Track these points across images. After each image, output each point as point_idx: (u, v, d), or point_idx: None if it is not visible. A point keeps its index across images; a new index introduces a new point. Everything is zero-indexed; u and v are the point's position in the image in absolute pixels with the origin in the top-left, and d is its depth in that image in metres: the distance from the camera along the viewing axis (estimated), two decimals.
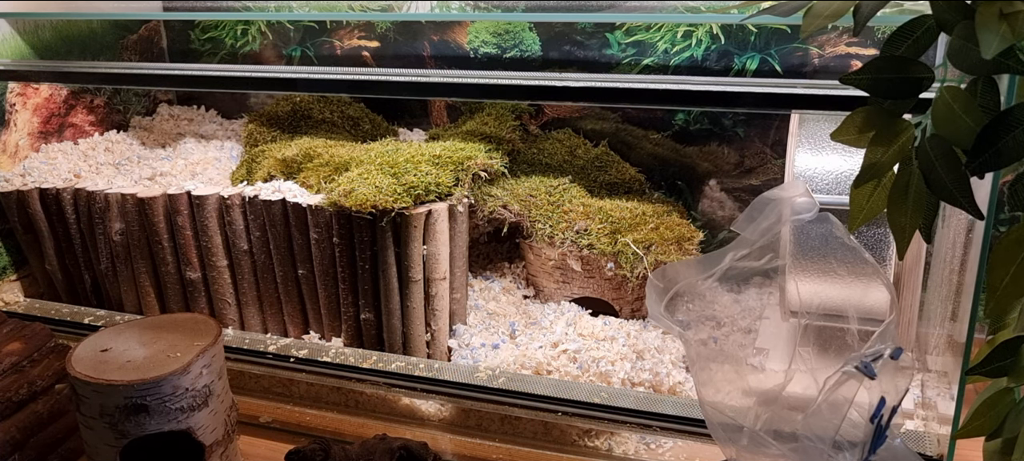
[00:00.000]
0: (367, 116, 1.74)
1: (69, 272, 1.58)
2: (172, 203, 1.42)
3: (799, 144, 1.22)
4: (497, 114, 1.61)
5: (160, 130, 1.84)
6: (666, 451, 1.28)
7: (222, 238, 1.42)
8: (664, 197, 1.58)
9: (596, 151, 1.63)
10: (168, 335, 1.15)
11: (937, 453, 1.08)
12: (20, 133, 1.67)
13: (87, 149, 1.70)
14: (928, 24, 0.70)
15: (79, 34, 1.79)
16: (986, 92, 0.68)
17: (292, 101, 1.72)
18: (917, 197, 0.73)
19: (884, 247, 1.16)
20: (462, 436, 1.35)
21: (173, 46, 1.95)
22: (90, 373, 1.05)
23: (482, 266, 1.60)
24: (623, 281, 1.41)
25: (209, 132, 1.83)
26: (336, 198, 1.30)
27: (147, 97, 1.91)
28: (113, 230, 1.46)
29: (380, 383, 1.34)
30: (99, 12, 1.81)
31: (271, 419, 1.41)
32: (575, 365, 1.31)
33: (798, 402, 0.88)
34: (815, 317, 1.07)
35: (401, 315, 1.35)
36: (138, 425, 1.05)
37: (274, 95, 1.81)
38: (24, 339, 1.30)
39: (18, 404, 1.22)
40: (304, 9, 1.72)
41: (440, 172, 1.35)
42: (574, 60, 1.64)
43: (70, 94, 1.71)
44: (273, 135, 1.64)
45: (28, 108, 1.68)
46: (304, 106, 1.70)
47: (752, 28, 1.51)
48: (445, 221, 1.33)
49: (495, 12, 1.64)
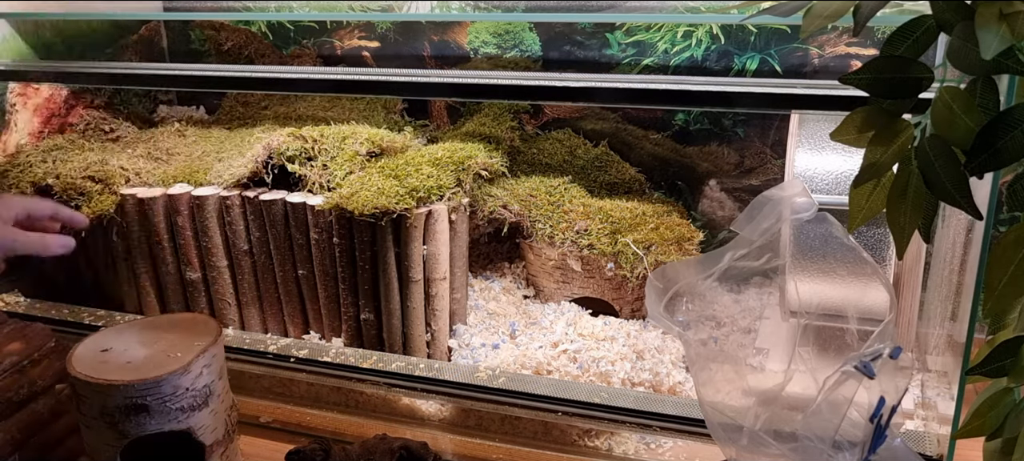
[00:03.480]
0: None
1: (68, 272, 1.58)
2: (172, 203, 1.42)
3: (799, 144, 1.22)
4: (495, 114, 1.62)
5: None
6: (666, 451, 1.28)
7: (222, 238, 1.42)
8: (664, 197, 1.58)
9: (596, 151, 1.63)
10: (168, 335, 1.15)
11: (937, 453, 1.08)
12: (20, 133, 1.67)
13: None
14: (928, 24, 0.70)
15: (79, 34, 1.79)
16: (985, 92, 0.68)
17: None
18: (916, 197, 0.73)
19: (884, 247, 1.16)
20: (462, 436, 1.35)
21: (173, 46, 1.95)
22: (90, 373, 1.06)
23: (482, 266, 1.60)
24: (623, 281, 1.42)
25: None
26: (338, 201, 1.30)
27: (147, 97, 1.91)
28: (111, 231, 1.46)
29: (380, 383, 1.34)
30: (99, 12, 1.81)
31: (271, 419, 1.42)
32: (575, 365, 1.31)
33: (798, 402, 0.88)
34: (814, 317, 1.07)
35: (401, 315, 1.35)
36: (138, 425, 1.05)
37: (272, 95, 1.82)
38: (24, 339, 1.30)
39: (18, 404, 1.22)
40: (304, 9, 1.73)
41: (441, 173, 1.35)
42: (574, 60, 1.64)
43: (70, 94, 1.71)
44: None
45: (28, 108, 1.68)
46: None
47: (752, 28, 1.51)
48: (445, 221, 1.33)
49: (495, 12, 1.65)
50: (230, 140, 1.59)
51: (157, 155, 1.55)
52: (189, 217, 1.42)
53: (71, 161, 1.49)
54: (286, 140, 1.40)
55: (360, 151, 1.40)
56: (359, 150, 1.40)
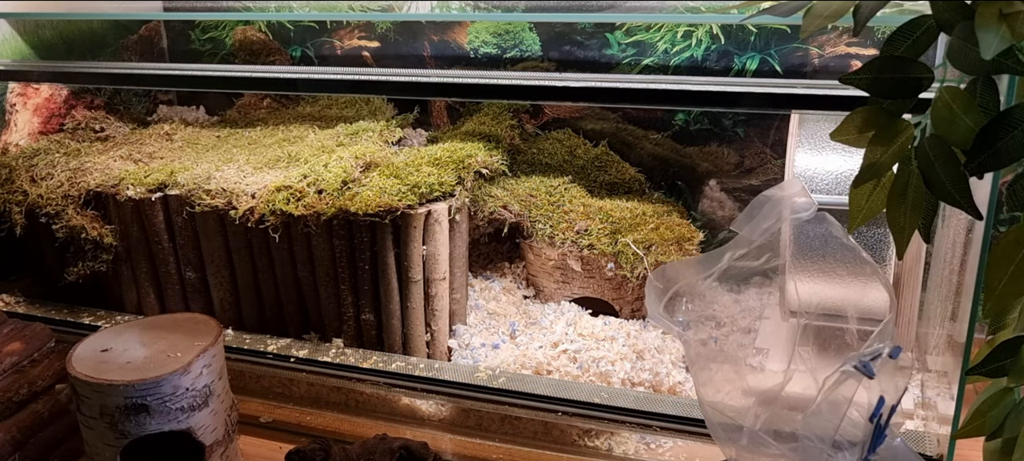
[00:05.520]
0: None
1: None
2: (172, 203, 1.42)
3: (799, 144, 1.22)
4: (494, 113, 1.62)
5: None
6: (666, 451, 1.28)
7: (222, 238, 1.42)
8: (664, 197, 1.58)
9: (596, 151, 1.63)
10: (168, 335, 1.15)
11: (937, 453, 1.08)
12: (20, 133, 1.67)
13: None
14: (928, 24, 0.70)
15: (79, 34, 1.79)
16: (985, 92, 0.68)
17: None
18: (916, 197, 0.73)
19: (884, 247, 1.16)
20: (462, 436, 1.35)
21: (173, 46, 1.95)
22: (90, 373, 1.06)
23: (482, 266, 1.60)
24: (623, 281, 1.42)
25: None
26: (342, 203, 1.30)
27: (147, 97, 1.91)
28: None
29: (380, 383, 1.34)
30: (99, 12, 1.81)
31: (271, 419, 1.42)
32: (575, 365, 1.31)
33: (798, 402, 0.88)
34: (814, 317, 1.07)
35: (401, 315, 1.35)
36: (138, 425, 1.05)
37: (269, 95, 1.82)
38: (24, 339, 1.30)
39: (18, 404, 1.22)
40: (304, 9, 1.73)
41: (441, 172, 1.35)
42: (574, 60, 1.64)
43: (70, 94, 1.71)
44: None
45: (28, 108, 1.68)
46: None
47: (752, 28, 1.51)
48: (445, 221, 1.33)
49: (495, 12, 1.64)
50: (217, 147, 1.58)
51: (138, 158, 1.54)
52: (189, 217, 1.41)
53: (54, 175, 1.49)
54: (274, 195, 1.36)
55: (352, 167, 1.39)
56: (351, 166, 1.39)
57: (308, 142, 1.53)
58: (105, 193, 1.44)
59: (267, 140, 1.58)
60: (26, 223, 1.48)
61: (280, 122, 1.68)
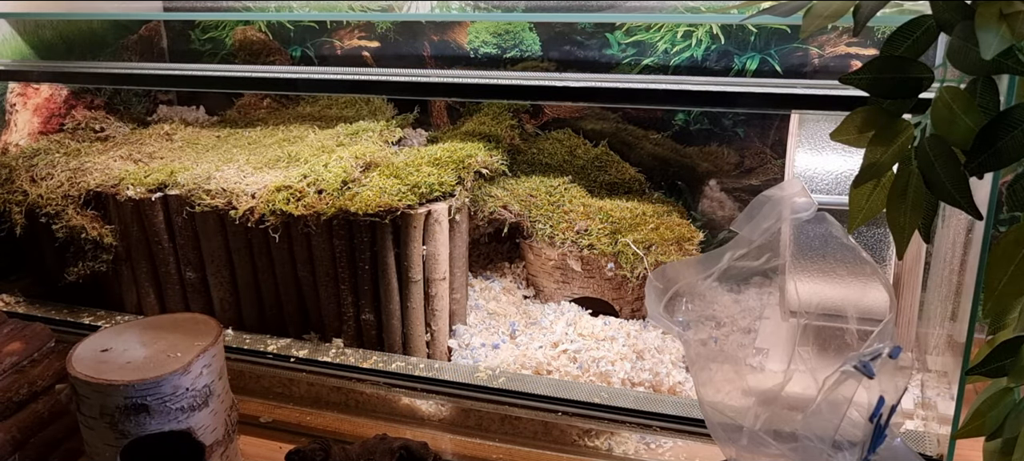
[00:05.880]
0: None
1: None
2: (172, 203, 1.42)
3: (799, 144, 1.22)
4: (494, 113, 1.62)
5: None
6: (666, 451, 1.28)
7: (222, 238, 1.42)
8: (664, 197, 1.58)
9: (596, 151, 1.63)
10: (168, 335, 1.15)
11: (937, 453, 1.08)
12: (20, 133, 1.67)
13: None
14: (928, 24, 0.70)
15: (79, 34, 1.79)
16: (985, 92, 0.68)
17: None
18: (916, 197, 0.73)
19: (884, 247, 1.16)
20: (462, 436, 1.35)
21: (173, 46, 1.95)
22: (90, 373, 1.06)
23: (482, 266, 1.60)
24: (623, 281, 1.42)
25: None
26: (342, 203, 1.30)
27: (147, 97, 1.91)
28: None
29: (380, 383, 1.34)
30: (99, 12, 1.81)
31: (271, 419, 1.42)
32: (575, 365, 1.31)
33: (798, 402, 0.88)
34: (814, 317, 1.07)
35: (401, 315, 1.35)
36: (138, 425, 1.05)
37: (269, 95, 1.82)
38: (24, 339, 1.30)
39: (18, 404, 1.22)
40: (304, 9, 1.73)
41: (441, 172, 1.35)
42: (574, 60, 1.64)
43: (70, 94, 1.71)
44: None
45: (28, 108, 1.68)
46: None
47: (752, 28, 1.51)
48: (445, 221, 1.33)
49: (495, 12, 1.64)
50: (217, 147, 1.58)
51: (138, 158, 1.54)
52: (189, 217, 1.41)
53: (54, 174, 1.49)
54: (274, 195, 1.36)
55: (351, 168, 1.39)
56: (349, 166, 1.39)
57: (308, 142, 1.53)
58: (105, 193, 1.45)
59: (267, 140, 1.59)
60: (26, 223, 1.48)
61: (280, 122, 1.69)
